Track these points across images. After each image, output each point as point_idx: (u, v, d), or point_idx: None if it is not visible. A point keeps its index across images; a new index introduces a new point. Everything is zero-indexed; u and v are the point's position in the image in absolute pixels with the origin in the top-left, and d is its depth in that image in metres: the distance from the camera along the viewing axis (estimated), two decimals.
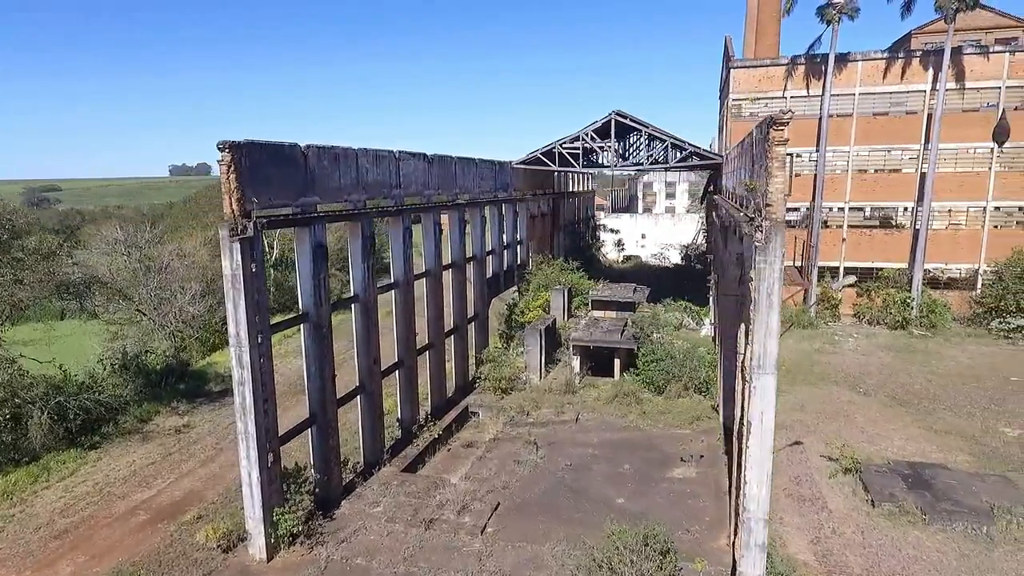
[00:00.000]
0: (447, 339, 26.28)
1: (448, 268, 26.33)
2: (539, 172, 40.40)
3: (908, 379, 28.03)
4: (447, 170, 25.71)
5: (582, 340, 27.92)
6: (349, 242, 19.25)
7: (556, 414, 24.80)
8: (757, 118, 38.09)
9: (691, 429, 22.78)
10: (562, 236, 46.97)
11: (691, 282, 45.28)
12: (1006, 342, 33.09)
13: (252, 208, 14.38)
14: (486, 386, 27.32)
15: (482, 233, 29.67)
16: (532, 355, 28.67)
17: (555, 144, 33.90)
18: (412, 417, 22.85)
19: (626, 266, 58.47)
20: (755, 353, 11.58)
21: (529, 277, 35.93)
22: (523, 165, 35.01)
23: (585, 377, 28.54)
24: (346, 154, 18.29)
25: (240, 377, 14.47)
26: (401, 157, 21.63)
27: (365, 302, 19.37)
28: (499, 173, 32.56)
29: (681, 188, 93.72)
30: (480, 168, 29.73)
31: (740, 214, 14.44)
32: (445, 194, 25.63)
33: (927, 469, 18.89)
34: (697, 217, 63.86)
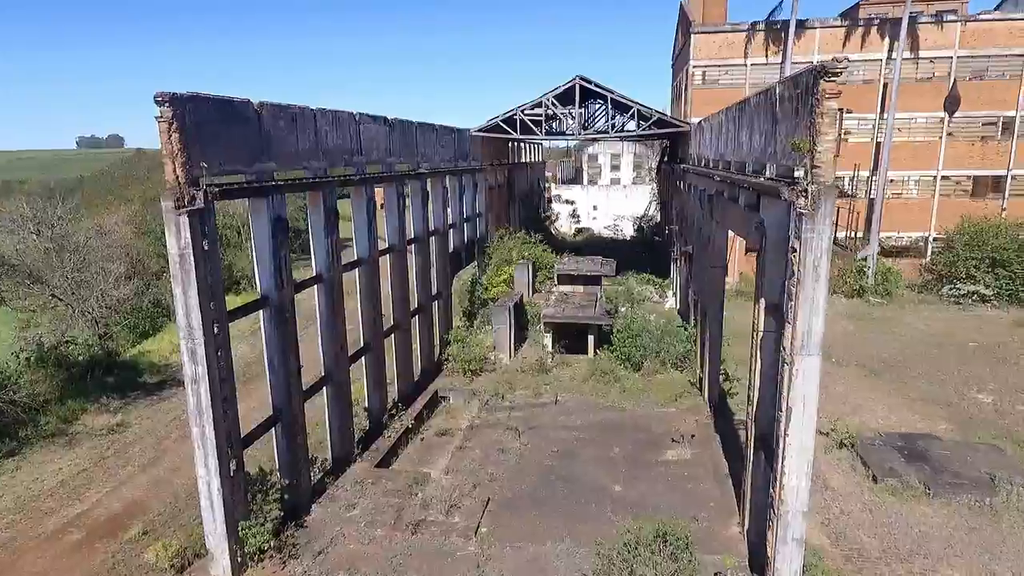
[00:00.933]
0: (412, 319, 24.37)
1: (412, 243, 24.31)
2: (496, 141, 38.46)
3: (875, 347, 28.20)
4: (408, 137, 23.53)
5: (555, 317, 26.59)
6: (310, 215, 17.00)
7: (533, 396, 23.45)
8: (719, 85, 37.37)
9: (676, 407, 21.92)
10: (518, 208, 45.34)
11: (649, 254, 44.76)
12: (956, 307, 34.03)
13: (201, 174, 12.05)
14: (454, 368, 25.66)
15: (443, 205, 27.68)
16: (501, 334, 27.15)
17: (516, 110, 32.05)
18: (381, 406, 20.97)
19: (580, 239, 57.52)
20: (798, 332, 10.44)
21: (490, 251, 34.23)
22: (483, 133, 33.02)
23: (557, 355, 27.29)
24: (303, 114, 15.98)
25: (194, 374, 12.27)
26: (361, 120, 19.37)
27: (330, 282, 17.25)
28: (459, 141, 30.49)
29: (626, 160, 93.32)
30: (440, 135, 27.61)
31: (760, 179, 13.24)
32: (407, 163, 23.49)
33: (920, 440, 18.67)
34: (649, 189, 63.48)
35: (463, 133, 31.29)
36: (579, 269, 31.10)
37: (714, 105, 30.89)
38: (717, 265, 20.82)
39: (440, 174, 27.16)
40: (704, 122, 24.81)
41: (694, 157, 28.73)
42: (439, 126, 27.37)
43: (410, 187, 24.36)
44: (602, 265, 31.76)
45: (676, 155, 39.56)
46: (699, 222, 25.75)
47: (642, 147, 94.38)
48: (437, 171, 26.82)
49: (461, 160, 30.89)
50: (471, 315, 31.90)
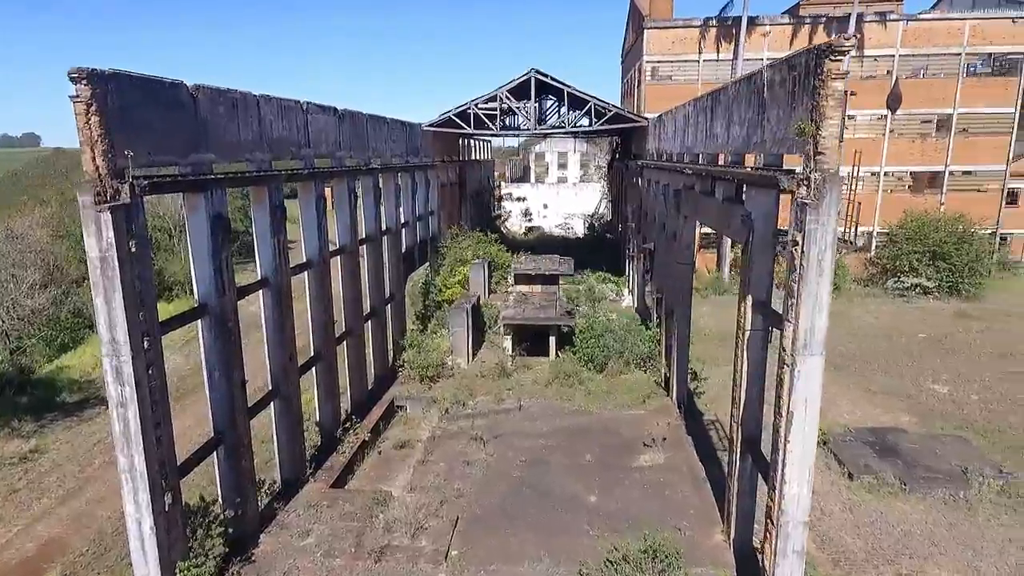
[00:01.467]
0: (365, 324, 22.86)
1: (364, 243, 22.81)
2: (448, 138, 37.15)
3: (830, 342, 28.34)
4: (358, 129, 22.03)
5: (515, 318, 25.56)
6: (254, 212, 15.38)
7: (495, 402, 22.35)
8: (672, 81, 37.21)
9: (644, 409, 21.26)
10: (469, 206, 44.13)
11: (602, 252, 44.36)
12: (901, 300, 34.92)
13: (126, 165, 10.41)
14: (410, 375, 24.27)
15: (396, 203, 26.24)
16: (458, 337, 25.93)
17: (470, 104, 30.86)
18: (334, 419, 19.44)
19: (531, 238, 56.74)
20: (800, 330, 9.73)
21: (444, 251, 32.92)
22: (434, 127, 31.67)
23: (518, 358, 26.28)
24: (246, 101, 14.37)
25: (120, 396, 10.60)
26: (309, 110, 17.81)
27: (277, 286, 15.66)
28: (410, 136, 29.07)
29: (573, 159, 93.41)
30: (392, 129, 26.15)
31: (747, 170, 12.58)
32: (357, 157, 21.99)
33: (888, 434, 18.59)
34: (598, 187, 63.32)
35: (414, 128, 29.89)
36: (537, 268, 30.18)
37: (667, 101, 30.59)
38: (685, 262, 20.26)
39: (392, 170, 25.73)
40: (666, 116, 24.30)
41: (653, 152, 28.27)
42: (390, 119, 25.92)
43: (361, 183, 22.88)
44: (560, 264, 30.96)
45: (629, 152, 39.25)
46: (662, 218, 25.22)
47: (588, 145, 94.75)
48: (389, 167, 25.38)
49: (413, 156, 29.49)
50: (425, 318, 30.53)
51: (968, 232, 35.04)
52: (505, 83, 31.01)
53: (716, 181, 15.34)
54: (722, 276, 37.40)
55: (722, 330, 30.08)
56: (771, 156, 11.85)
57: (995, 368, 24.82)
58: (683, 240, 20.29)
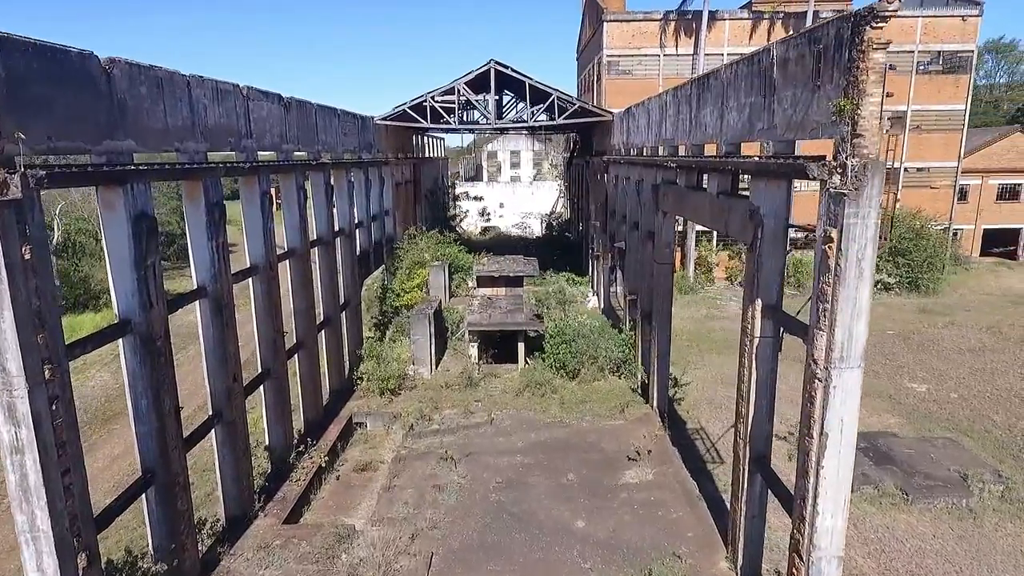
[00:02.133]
0: (319, 335, 20.80)
1: (315, 246, 20.76)
2: (401, 133, 35.18)
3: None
4: (307, 120, 19.98)
5: (481, 324, 23.92)
6: (187, 210, 13.28)
7: (464, 416, 20.66)
8: (632, 76, 36.26)
9: (623, 419, 19.97)
10: (425, 206, 42.19)
11: (563, 252, 43.15)
12: None
13: (17, 151, 8.31)
14: (369, 388, 22.32)
15: (349, 201, 24.22)
16: (420, 346, 24.11)
17: (426, 96, 29.03)
18: (286, 442, 17.38)
19: (487, 238, 55.12)
20: (836, 340, 8.48)
21: (401, 253, 30.98)
22: (388, 121, 29.70)
23: (484, 365, 24.67)
24: (173, 81, 12.28)
25: (15, 441, 8.48)
26: (250, 95, 15.73)
27: (216, 296, 13.59)
28: (363, 130, 27.05)
29: (526, 157, 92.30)
30: (344, 122, 24.11)
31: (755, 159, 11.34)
32: (306, 151, 19.96)
33: (880, 439, 17.82)
34: (555, 185, 62.17)
35: (367, 121, 27.87)
36: (500, 270, 28.60)
37: (628, 96, 29.58)
38: (664, 261, 19.06)
39: (345, 166, 23.70)
40: (636, 108, 23.11)
41: (620, 147, 27.11)
42: (341, 111, 23.88)
43: (312, 180, 20.85)
44: (524, 264, 29.47)
45: (590, 148, 38.14)
46: (634, 215, 24.04)
47: (541, 143, 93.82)
48: (341, 162, 23.36)
49: (366, 151, 27.48)
50: (382, 325, 28.56)
51: (925, 228, 35.35)
52: (463, 75, 29.31)
53: (707, 173, 14.11)
54: (687, 275, 36.70)
55: (694, 331, 29.27)
56: (780, 144, 10.63)
57: (966, 363, 24.66)
58: (662, 238, 19.08)
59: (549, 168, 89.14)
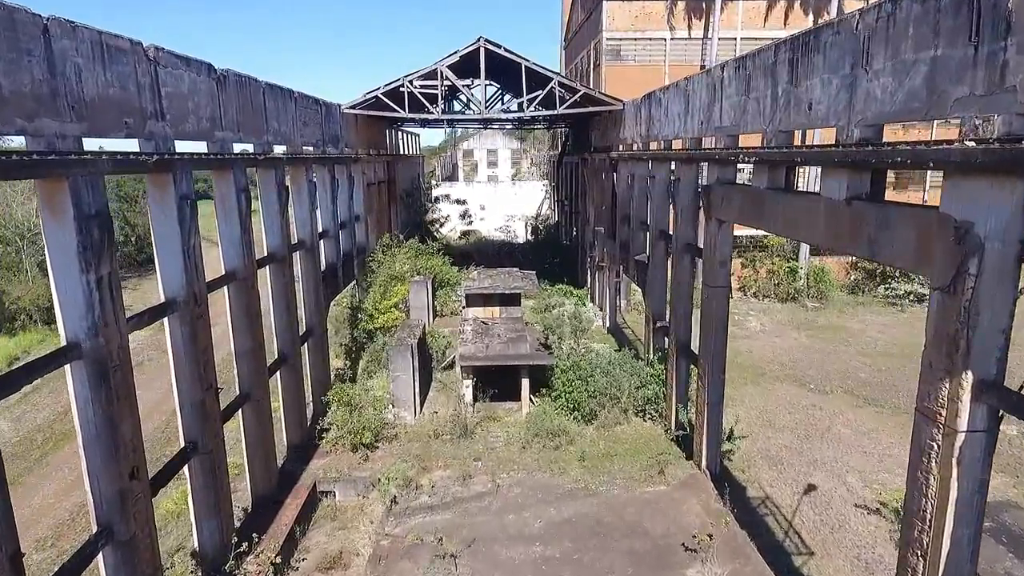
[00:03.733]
0: (273, 377, 16.14)
1: (266, 263, 16.10)
2: (375, 125, 30.51)
3: (843, 365, 24.09)
4: (252, 101, 15.29)
5: (477, 359, 19.45)
6: (45, 226, 8.58)
7: (461, 480, 16.20)
8: (635, 62, 32.25)
9: (665, 483, 15.73)
10: (401, 210, 37.48)
11: (554, 260, 38.87)
12: (894, 309, 31.41)
13: None
14: (338, 442, 17.73)
15: (311, 205, 19.56)
16: (402, 385, 19.55)
17: (403, 80, 24.40)
18: (222, 540, 12.68)
19: (466, 243, 50.53)
20: None
21: (374, 266, 26.33)
22: (358, 110, 25.01)
23: (479, 402, 20.26)
24: (13, 19, 7.62)
25: None
26: (162, 60, 11.05)
27: (95, 354, 8.90)
28: (328, 120, 22.35)
29: (504, 155, 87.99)
30: (302, 107, 19.42)
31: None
32: (252, 140, 15.28)
33: (1004, 513, 13.89)
34: (540, 185, 57.85)
35: (332, 109, 23.17)
36: (494, 286, 24.17)
37: (630, 84, 25.55)
38: (718, 284, 14.86)
39: (304, 162, 19.03)
40: (664, 93, 18.90)
41: (634, 141, 22.89)
42: (299, 94, 19.19)
43: (261, 180, 16.20)
44: (521, 279, 25.08)
45: (586, 144, 33.96)
46: (659, 223, 19.87)
47: (519, 141, 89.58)
48: (300, 157, 18.69)
49: (331, 145, 22.80)
50: (354, 353, 23.91)
51: None
52: (446, 55, 24.78)
53: (822, 169, 9.90)
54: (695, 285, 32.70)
55: None
56: (1017, 120, 6.42)
57: None
58: (713, 255, 14.88)
59: (529, 167, 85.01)
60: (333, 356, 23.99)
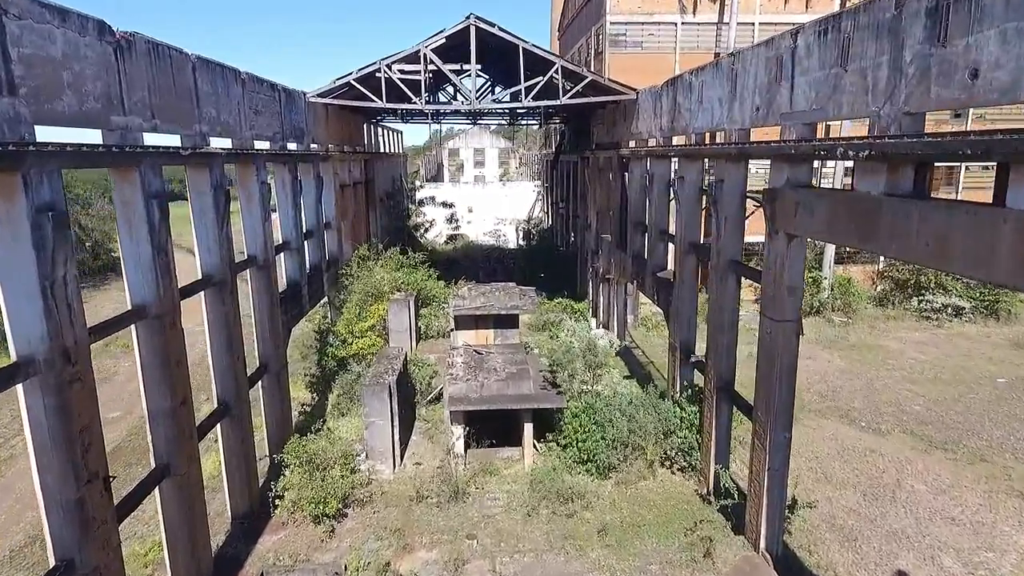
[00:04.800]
0: (210, 433, 12.47)
1: (203, 288, 12.42)
2: (349, 118, 26.89)
3: (892, 395, 20.83)
4: (176, 79, 11.63)
5: (471, 401, 15.89)
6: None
7: (452, 567, 12.64)
8: (642, 50, 28.93)
9: (714, 570, 12.28)
10: (380, 215, 33.78)
11: (551, 268, 35.38)
12: (930, 324, 28.30)
13: None
14: (296, 511, 14.09)
15: (264, 213, 15.90)
16: (378, 432, 15.95)
17: (380, 64, 20.76)
18: None
19: (454, 248, 46.90)
20: None
21: (347, 282, 22.66)
22: (327, 99, 21.34)
23: (473, 448, 16.75)
24: None
25: None
26: (14, 5, 7.40)
27: None
28: (289, 109, 18.68)
29: (491, 155, 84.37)
30: (253, 92, 15.75)
31: None
32: (176, 131, 11.65)
33: None
34: (532, 186, 54.32)
35: (295, 97, 19.51)
36: (487, 305, 20.60)
37: (636, 73, 22.23)
38: (786, 318, 11.42)
39: (253, 159, 15.35)
40: (698, 75, 15.46)
41: (652, 134, 19.48)
42: (248, 75, 15.53)
43: (191, 181, 12.58)
44: (519, 296, 21.53)
45: (585, 141, 30.57)
46: (688, 233, 16.48)
47: (507, 140, 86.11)
48: (247, 153, 15.01)
49: (294, 140, 19.15)
50: (323, 385, 20.27)
51: None
52: (431, 36, 21.19)
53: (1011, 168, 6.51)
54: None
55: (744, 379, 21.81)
56: None
57: None
58: (781, 278, 11.44)
59: (517, 167, 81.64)
60: (299, 388, 20.38)
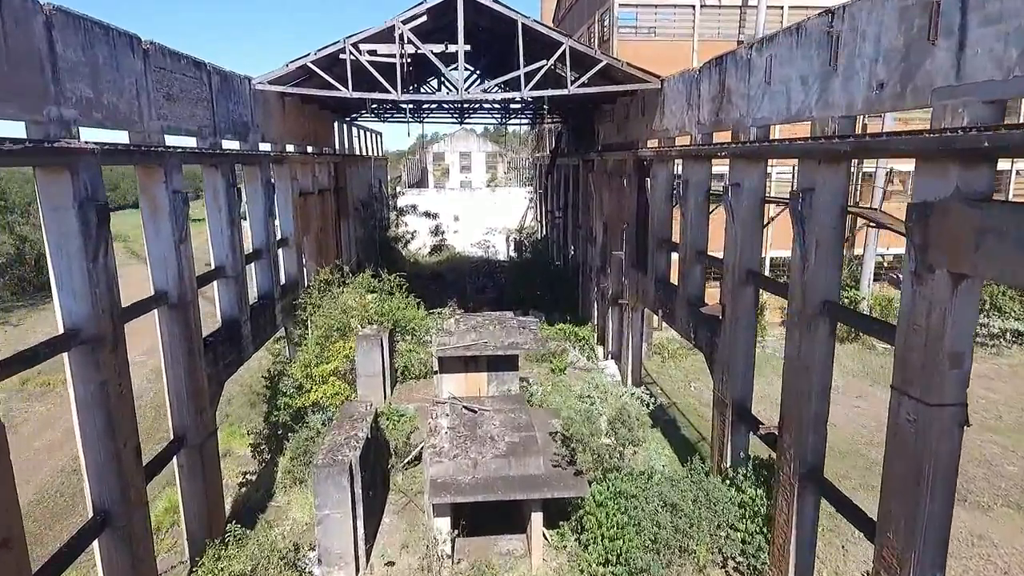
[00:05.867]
0: (78, 557, 8.31)
1: (65, 351, 8.24)
2: (316, 115, 22.75)
3: (975, 450, 16.99)
4: (5, 36, 7.48)
5: (463, 488, 11.77)
6: None
7: None
8: (656, 36, 25.20)
9: None
10: (352, 226, 29.53)
11: (548, 284, 31.30)
12: (988, 351, 24.64)
13: None
14: None
15: (180, 232, 11.73)
16: (335, 528, 11.78)
17: (345, 43, 16.59)
18: None
19: (439, 260, 42.74)
20: None
21: (308, 313, 18.46)
22: (278, 87, 17.18)
23: (461, 538, 12.64)
24: None
25: None
26: None
27: None
28: (224, 96, 14.48)
29: (478, 159, 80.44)
30: (162, 69, 11.58)
31: None
32: (19, 112, 7.52)
33: None
34: (524, 193, 50.29)
35: (233, 83, 15.32)
36: (479, 343, 16.51)
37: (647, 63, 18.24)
38: (946, 403, 7.46)
39: (164, 158, 11.16)
40: (756, 49, 11.53)
41: (689, 131, 15.54)
42: (155, 45, 11.37)
43: (42, 189, 8.43)
44: (519, 330, 17.44)
45: (589, 140, 26.68)
46: (745, 260, 12.60)
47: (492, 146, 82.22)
48: (152, 151, 10.83)
49: (234, 136, 15.00)
50: (272, 443, 16.08)
51: None
52: (407, 9, 17.09)
53: None
54: None
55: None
56: None
57: None
58: (940, 338, 7.48)
59: (506, 172, 77.77)
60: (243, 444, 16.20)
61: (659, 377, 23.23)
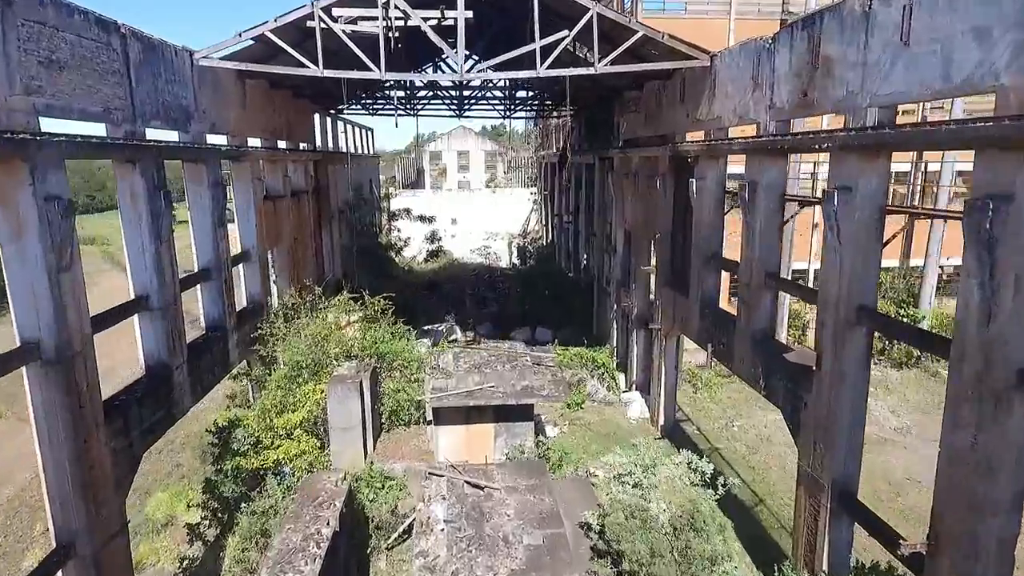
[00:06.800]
0: None
1: None
2: (290, 105, 19.20)
3: None
4: None
5: None
6: None
7: None
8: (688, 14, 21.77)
9: None
10: (334, 233, 25.92)
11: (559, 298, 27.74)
12: None
13: None
14: None
15: (67, 256, 8.16)
16: None
17: (313, 7, 13.00)
18: None
19: (435, 268, 39.15)
20: None
21: (269, 344, 14.87)
22: (236, 63, 13.63)
23: None
24: None
25: None
26: None
27: None
28: (147, 71, 10.89)
29: (476, 158, 76.90)
30: (42, 23, 8.00)
31: None
32: None
33: None
34: (527, 194, 46.70)
35: (162, 53, 11.73)
36: (485, 388, 12.98)
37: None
38: None
39: (27, 148, 7.57)
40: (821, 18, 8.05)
41: (753, 118, 12.01)
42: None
43: None
44: (533, 371, 13.88)
45: (608, 137, 23.20)
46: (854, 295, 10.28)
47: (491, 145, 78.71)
48: (9, 137, 7.26)
49: (166, 124, 11.43)
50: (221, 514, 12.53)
51: None
52: None
53: None
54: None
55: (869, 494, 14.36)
56: None
57: None
58: None
59: (506, 172, 74.27)
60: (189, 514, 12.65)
61: (692, 412, 19.76)
